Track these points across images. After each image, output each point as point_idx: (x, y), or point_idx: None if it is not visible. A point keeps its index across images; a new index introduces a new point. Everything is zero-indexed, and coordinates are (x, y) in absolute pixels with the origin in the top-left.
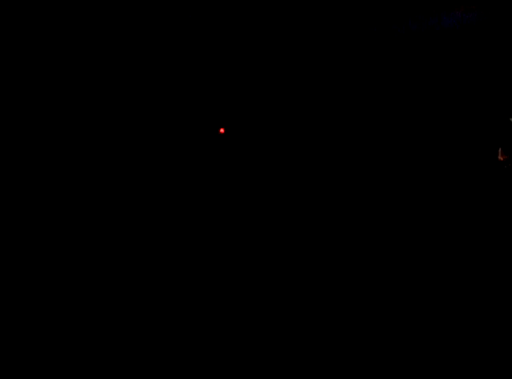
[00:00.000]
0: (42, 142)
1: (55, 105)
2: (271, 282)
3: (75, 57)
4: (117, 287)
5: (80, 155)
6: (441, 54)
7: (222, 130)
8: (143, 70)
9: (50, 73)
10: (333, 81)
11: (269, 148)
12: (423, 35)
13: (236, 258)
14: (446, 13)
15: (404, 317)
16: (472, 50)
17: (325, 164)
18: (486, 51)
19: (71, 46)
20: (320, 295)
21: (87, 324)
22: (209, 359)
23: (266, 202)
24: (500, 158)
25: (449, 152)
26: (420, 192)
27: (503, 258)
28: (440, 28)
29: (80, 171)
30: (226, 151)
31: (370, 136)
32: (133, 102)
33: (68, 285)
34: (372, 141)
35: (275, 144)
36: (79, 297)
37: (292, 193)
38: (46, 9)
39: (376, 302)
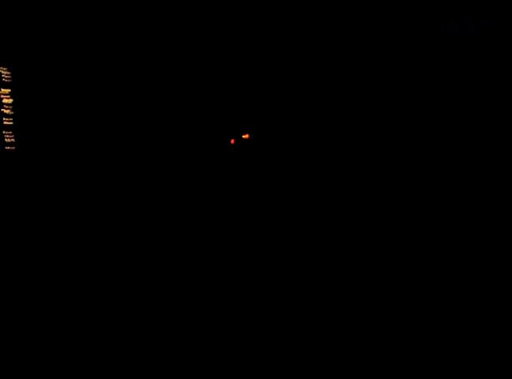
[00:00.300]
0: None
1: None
2: (272, 281)
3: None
4: (118, 286)
5: (98, 158)
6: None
7: (234, 141)
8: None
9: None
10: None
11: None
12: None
13: (240, 257)
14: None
15: (403, 316)
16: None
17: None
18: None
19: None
20: (320, 295)
21: (87, 323)
22: (209, 359)
23: (269, 203)
24: None
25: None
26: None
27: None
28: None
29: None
30: (232, 154)
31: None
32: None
33: (68, 284)
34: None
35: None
36: (79, 296)
37: (295, 194)
38: (48, 10)
39: (376, 301)
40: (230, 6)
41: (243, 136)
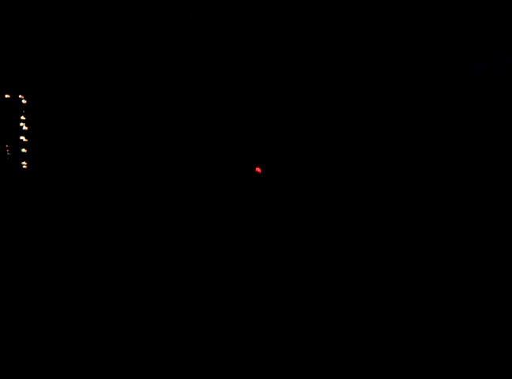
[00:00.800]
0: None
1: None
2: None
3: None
4: (118, 286)
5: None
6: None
7: (259, 170)
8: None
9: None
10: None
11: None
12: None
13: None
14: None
15: (403, 316)
16: None
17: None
18: None
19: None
20: (320, 295)
21: (87, 323)
22: (209, 359)
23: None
24: None
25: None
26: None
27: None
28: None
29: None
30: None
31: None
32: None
33: (68, 285)
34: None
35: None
36: (79, 297)
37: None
38: (48, 9)
39: (375, 301)
40: (230, 6)
41: (257, 170)
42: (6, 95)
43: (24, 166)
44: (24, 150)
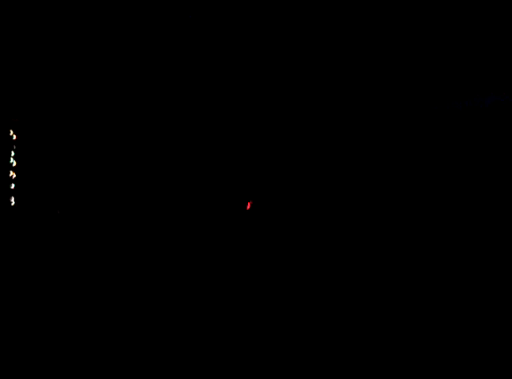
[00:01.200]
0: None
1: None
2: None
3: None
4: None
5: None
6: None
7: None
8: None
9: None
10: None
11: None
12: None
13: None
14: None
15: (404, 316)
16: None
17: None
18: None
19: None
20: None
21: (87, 324)
22: (209, 359)
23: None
24: None
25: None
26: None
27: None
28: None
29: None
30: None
31: None
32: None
33: (69, 285)
34: None
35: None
36: (80, 297)
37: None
38: (48, 10)
39: (375, 301)
40: (230, 6)
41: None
42: None
43: (13, 203)
44: (12, 186)
